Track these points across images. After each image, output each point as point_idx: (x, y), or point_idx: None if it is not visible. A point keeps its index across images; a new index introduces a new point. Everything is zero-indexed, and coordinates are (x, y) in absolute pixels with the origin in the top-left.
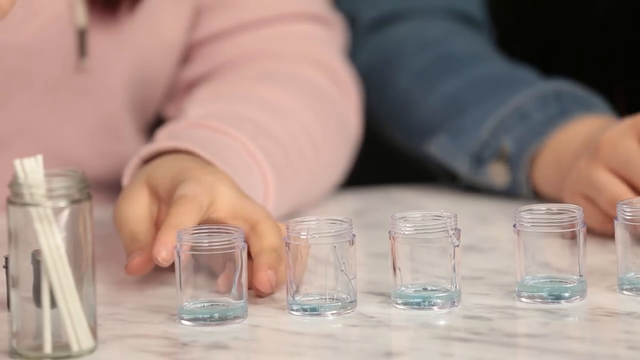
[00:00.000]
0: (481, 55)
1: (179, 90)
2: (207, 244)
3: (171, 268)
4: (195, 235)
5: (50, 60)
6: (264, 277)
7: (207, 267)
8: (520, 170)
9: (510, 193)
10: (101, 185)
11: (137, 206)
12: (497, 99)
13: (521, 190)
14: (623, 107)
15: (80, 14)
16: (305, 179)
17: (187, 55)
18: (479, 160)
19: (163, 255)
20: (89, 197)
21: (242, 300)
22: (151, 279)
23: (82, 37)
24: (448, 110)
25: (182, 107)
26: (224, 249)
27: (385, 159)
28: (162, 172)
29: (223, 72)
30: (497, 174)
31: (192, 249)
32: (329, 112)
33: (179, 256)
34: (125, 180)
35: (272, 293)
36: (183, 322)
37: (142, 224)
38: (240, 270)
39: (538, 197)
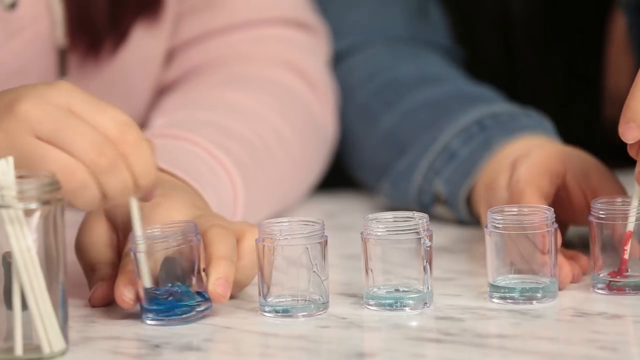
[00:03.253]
0: (425, 79)
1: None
2: (161, 243)
3: None
4: (148, 235)
5: (30, 79)
6: (212, 291)
7: (167, 264)
8: (461, 211)
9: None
10: None
11: (96, 235)
12: (427, 138)
13: (471, 224)
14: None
15: (61, 34)
16: (278, 177)
17: (167, 59)
18: (422, 205)
19: (129, 295)
20: (60, 199)
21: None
22: None
23: (62, 56)
24: (387, 150)
25: (148, 117)
26: (178, 244)
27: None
28: None
29: (191, 78)
30: (443, 215)
31: (148, 249)
32: (300, 112)
33: (136, 258)
34: None
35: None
36: (148, 322)
37: (102, 253)
38: (197, 262)
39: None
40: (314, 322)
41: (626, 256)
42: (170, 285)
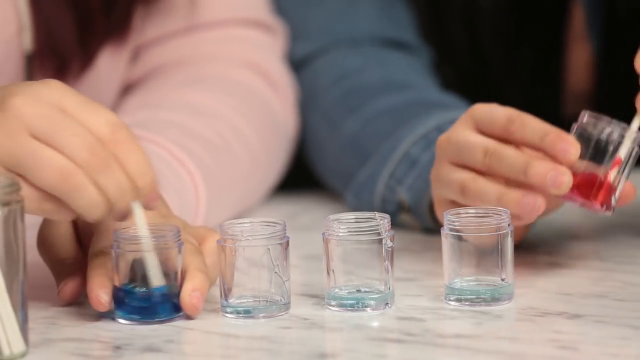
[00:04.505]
0: (390, 86)
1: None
2: (144, 244)
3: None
4: (132, 236)
5: None
6: (187, 302)
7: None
8: (425, 218)
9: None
10: None
11: (62, 231)
12: (387, 147)
13: (437, 231)
14: None
15: (28, 40)
16: (239, 177)
17: (133, 57)
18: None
19: (105, 297)
20: (20, 200)
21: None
22: None
23: (29, 62)
24: (350, 157)
25: None
26: (160, 248)
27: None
28: None
29: (156, 77)
30: (409, 223)
31: (129, 249)
32: (262, 113)
33: (116, 254)
34: None
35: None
36: (120, 321)
37: (69, 249)
38: (179, 268)
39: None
40: (276, 323)
41: (610, 178)
42: (144, 287)
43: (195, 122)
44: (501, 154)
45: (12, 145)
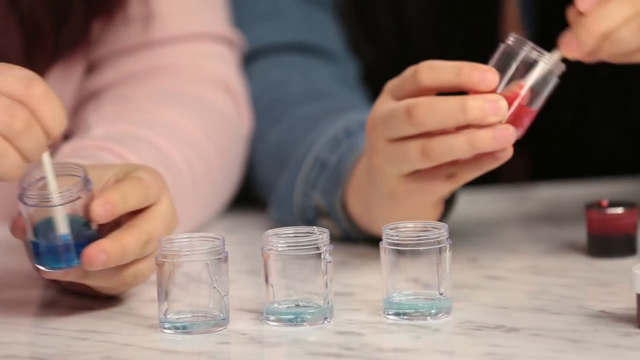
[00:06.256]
0: (311, 96)
1: (82, 99)
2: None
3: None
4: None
5: None
6: (94, 209)
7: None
8: (341, 221)
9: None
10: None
11: None
12: (299, 154)
13: (355, 237)
14: None
15: None
16: (194, 210)
17: (90, 66)
18: (307, 222)
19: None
20: None
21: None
22: (23, 294)
23: None
24: (272, 165)
25: (86, 120)
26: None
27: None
28: None
29: (129, 85)
30: (330, 228)
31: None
32: (231, 143)
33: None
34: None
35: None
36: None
37: None
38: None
39: (374, 237)
40: (214, 338)
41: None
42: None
43: (173, 148)
44: (430, 105)
45: None
